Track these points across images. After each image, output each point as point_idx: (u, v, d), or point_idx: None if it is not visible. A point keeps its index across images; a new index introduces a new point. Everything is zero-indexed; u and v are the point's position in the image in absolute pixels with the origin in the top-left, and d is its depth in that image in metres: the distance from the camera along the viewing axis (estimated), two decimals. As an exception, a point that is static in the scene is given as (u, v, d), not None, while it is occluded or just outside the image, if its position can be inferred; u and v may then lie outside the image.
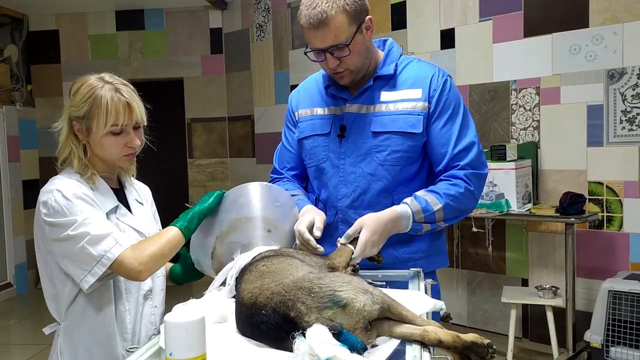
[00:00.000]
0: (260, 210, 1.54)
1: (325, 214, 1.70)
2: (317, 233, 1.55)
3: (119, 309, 1.49)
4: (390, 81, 1.69)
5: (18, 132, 5.74)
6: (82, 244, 1.34)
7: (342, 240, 1.49)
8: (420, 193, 1.62)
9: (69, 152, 1.48)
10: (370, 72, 1.69)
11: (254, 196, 1.56)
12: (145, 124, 1.52)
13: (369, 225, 1.49)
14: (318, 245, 1.53)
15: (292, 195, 1.77)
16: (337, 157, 1.70)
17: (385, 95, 1.67)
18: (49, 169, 1.53)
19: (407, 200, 1.60)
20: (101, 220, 1.39)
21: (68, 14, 5.88)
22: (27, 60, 5.92)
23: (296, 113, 1.85)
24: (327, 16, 1.49)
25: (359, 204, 1.68)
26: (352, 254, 1.44)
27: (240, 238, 1.51)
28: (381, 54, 1.73)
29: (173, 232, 1.44)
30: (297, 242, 1.60)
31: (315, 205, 1.76)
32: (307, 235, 1.53)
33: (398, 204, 1.63)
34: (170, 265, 1.71)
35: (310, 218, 1.59)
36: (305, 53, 1.63)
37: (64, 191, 1.39)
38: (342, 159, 1.69)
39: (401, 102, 1.66)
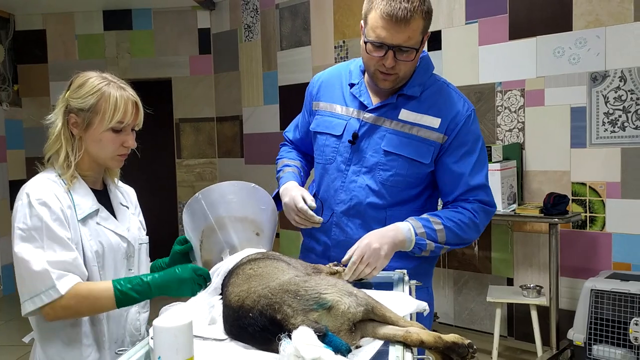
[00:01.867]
0: (251, 212, 1.53)
1: (322, 213, 1.73)
2: (312, 203, 1.60)
3: (97, 317, 1.46)
4: (413, 101, 1.67)
5: (4, 132, 5.70)
6: (26, 271, 1.32)
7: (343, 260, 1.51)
8: (423, 215, 1.65)
9: (58, 146, 1.45)
10: (398, 87, 1.67)
11: (245, 196, 1.54)
12: (141, 127, 1.53)
13: (368, 236, 1.54)
14: (314, 214, 1.60)
15: (286, 166, 1.83)
16: (344, 162, 1.71)
17: (404, 114, 1.66)
18: (35, 169, 1.52)
19: (408, 218, 1.62)
20: (53, 248, 1.34)
21: (55, 14, 5.85)
22: (13, 60, 5.88)
23: (315, 103, 1.84)
24: (411, 16, 1.48)
25: (353, 213, 1.69)
26: (336, 272, 1.48)
27: (229, 238, 1.48)
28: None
29: (107, 301, 1.36)
30: (294, 216, 1.64)
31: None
32: (304, 206, 1.58)
33: (389, 220, 1.66)
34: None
35: (299, 193, 1.64)
36: (365, 42, 1.58)
37: (32, 196, 1.37)
38: (348, 165, 1.70)
39: (418, 126, 1.65)
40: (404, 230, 1.57)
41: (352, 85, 1.74)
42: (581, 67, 3.38)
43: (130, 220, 1.59)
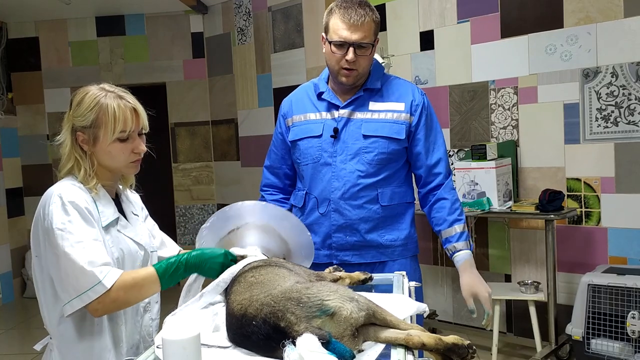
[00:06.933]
0: (294, 244, 1.62)
1: (318, 207, 1.95)
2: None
3: (117, 322, 1.49)
4: (377, 93, 1.96)
5: (0, 140, 5.69)
6: (70, 270, 1.34)
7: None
8: (453, 227, 1.93)
9: (72, 163, 1.47)
10: (360, 84, 1.95)
11: (297, 234, 1.64)
12: (148, 130, 1.54)
13: (476, 285, 1.93)
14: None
15: None
16: (330, 156, 1.93)
17: (373, 105, 1.95)
18: (31, 177, 1.53)
19: (458, 245, 1.91)
20: (91, 245, 1.37)
21: (47, 21, 5.84)
22: (7, 67, 5.87)
23: (289, 120, 2.07)
24: (364, 19, 1.82)
25: (348, 196, 1.91)
26: (339, 278, 1.52)
27: (264, 242, 1.58)
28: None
29: (152, 278, 1.40)
30: None
31: (305, 200, 2.00)
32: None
33: (381, 196, 1.92)
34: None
35: None
36: (329, 42, 1.87)
37: (64, 197, 1.38)
38: (334, 157, 1.93)
39: (387, 112, 1.94)
40: (468, 255, 1.91)
41: (321, 93, 1.99)
42: (573, 63, 3.41)
43: (141, 228, 1.63)
